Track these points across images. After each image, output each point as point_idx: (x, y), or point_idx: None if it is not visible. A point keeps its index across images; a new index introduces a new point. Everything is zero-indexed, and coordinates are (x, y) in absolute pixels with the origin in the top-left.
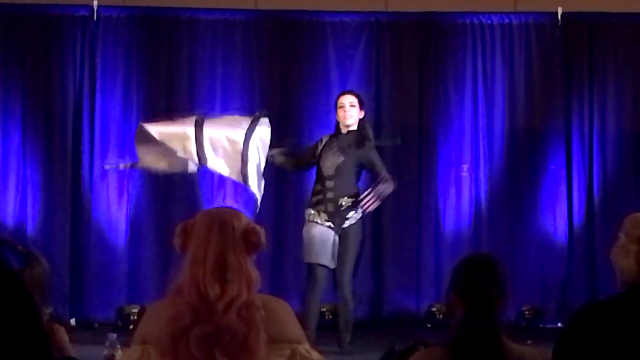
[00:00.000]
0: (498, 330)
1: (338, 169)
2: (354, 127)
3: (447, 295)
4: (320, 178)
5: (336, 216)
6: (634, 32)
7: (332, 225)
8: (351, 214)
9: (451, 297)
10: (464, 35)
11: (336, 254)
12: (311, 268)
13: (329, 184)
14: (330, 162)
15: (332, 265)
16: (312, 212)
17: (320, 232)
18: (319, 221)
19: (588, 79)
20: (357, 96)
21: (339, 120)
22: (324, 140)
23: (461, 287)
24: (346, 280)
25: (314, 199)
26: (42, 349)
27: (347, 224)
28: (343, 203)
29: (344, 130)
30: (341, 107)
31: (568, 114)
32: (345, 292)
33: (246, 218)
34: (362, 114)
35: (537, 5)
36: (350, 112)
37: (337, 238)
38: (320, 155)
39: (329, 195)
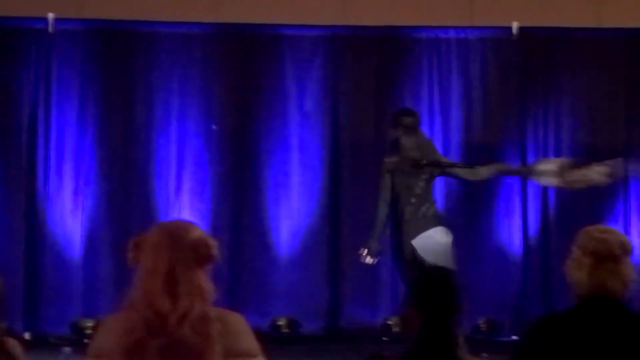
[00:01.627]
0: (454, 344)
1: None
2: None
3: (404, 308)
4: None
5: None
6: (589, 46)
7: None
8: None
9: (407, 310)
10: (421, 49)
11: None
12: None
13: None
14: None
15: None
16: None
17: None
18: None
19: (543, 93)
20: (392, 117)
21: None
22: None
23: (417, 300)
24: None
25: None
26: None
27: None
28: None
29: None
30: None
31: (523, 127)
32: None
33: (199, 230)
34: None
35: (493, 20)
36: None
37: None
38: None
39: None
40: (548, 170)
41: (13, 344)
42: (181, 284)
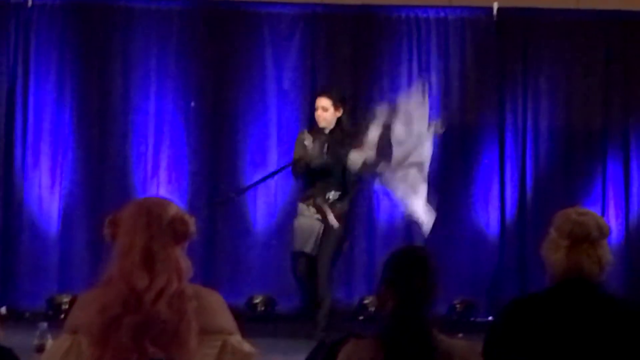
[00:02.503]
0: (428, 324)
1: (326, 166)
2: (332, 126)
3: (379, 288)
4: (310, 173)
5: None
6: (569, 28)
7: (319, 218)
8: (338, 205)
9: (382, 290)
10: (400, 29)
11: (319, 243)
12: (294, 257)
13: (318, 179)
14: (319, 160)
15: (313, 253)
16: (303, 206)
17: (308, 223)
18: (308, 214)
19: (522, 75)
20: (331, 97)
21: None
22: (307, 136)
23: (392, 280)
24: (323, 272)
25: (304, 195)
26: None
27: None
28: (330, 197)
29: (325, 130)
30: (315, 109)
31: (502, 109)
32: (321, 284)
33: (175, 207)
34: (339, 112)
35: (472, 0)
36: (323, 116)
37: (321, 230)
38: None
39: (317, 190)
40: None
41: None
42: (158, 261)
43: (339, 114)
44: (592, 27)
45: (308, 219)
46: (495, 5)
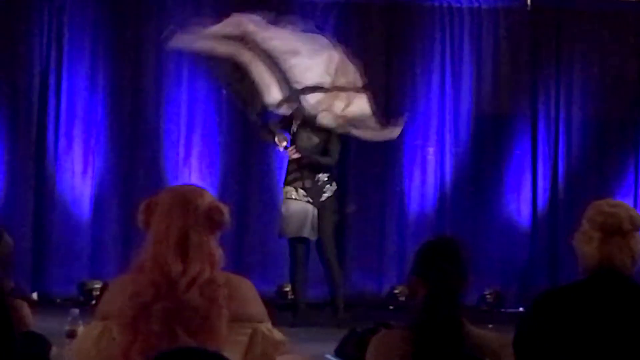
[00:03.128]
0: (459, 314)
1: (314, 149)
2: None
3: (410, 277)
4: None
5: (313, 191)
6: (602, 19)
7: (311, 200)
8: (327, 187)
9: (413, 280)
10: (433, 18)
11: (316, 226)
12: (292, 244)
13: (304, 161)
14: (306, 142)
15: (313, 237)
16: (289, 188)
17: (300, 207)
18: (297, 197)
19: (555, 65)
20: None
21: None
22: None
23: (423, 270)
24: (330, 249)
25: (290, 177)
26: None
27: (324, 197)
28: (320, 177)
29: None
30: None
31: (534, 99)
32: (331, 260)
33: (210, 196)
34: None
35: None
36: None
37: (315, 212)
38: (295, 134)
39: (306, 172)
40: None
41: (21, 304)
42: (192, 248)
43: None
44: (626, 16)
45: (298, 203)
46: None
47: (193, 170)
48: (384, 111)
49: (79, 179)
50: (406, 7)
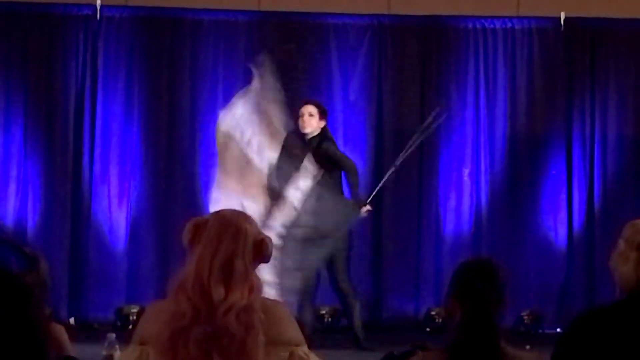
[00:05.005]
0: (496, 335)
1: (328, 178)
2: (314, 134)
3: (446, 299)
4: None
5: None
6: (636, 37)
7: None
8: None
9: (450, 302)
10: (467, 39)
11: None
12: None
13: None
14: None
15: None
16: None
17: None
18: None
19: (590, 84)
20: (318, 106)
21: (299, 127)
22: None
23: (460, 291)
24: (342, 276)
25: None
26: (38, 351)
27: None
28: None
29: (306, 138)
30: (300, 116)
31: (569, 119)
32: (346, 291)
33: (257, 225)
34: (322, 124)
35: (540, 10)
36: (309, 122)
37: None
38: None
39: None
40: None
41: (59, 330)
42: (236, 276)
43: (322, 123)
44: None
45: None
46: (563, 15)
47: None
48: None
49: (115, 204)
50: (440, 28)
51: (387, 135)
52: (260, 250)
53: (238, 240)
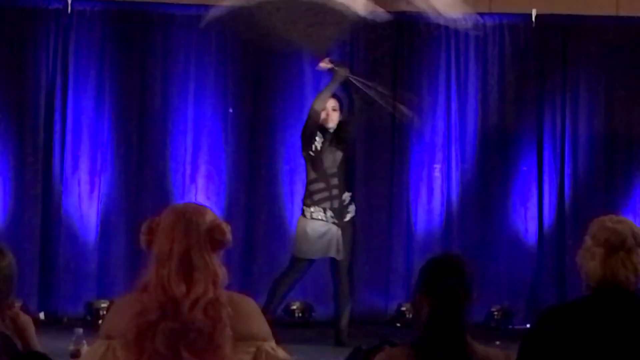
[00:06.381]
0: (463, 331)
1: (340, 166)
2: (334, 129)
3: (414, 295)
4: (324, 175)
5: (338, 211)
6: (607, 35)
7: (337, 222)
8: (351, 207)
9: (417, 297)
10: (438, 35)
11: (341, 246)
12: (297, 261)
13: (333, 181)
14: (332, 159)
15: (339, 257)
16: (317, 209)
17: (327, 229)
18: (324, 218)
19: (561, 81)
20: (339, 100)
21: (322, 122)
22: (319, 136)
23: (427, 287)
24: (346, 274)
25: (318, 196)
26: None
27: (347, 217)
28: (345, 198)
29: (330, 130)
30: (324, 109)
31: (540, 115)
32: (345, 289)
33: (212, 214)
34: (341, 116)
35: (511, 7)
36: (333, 116)
37: (339, 232)
38: (320, 151)
39: (335, 192)
40: None
41: (25, 320)
42: (196, 268)
43: (341, 118)
44: (632, 33)
45: (325, 224)
46: (534, 12)
47: (200, 189)
48: (390, 128)
49: (85, 198)
50: (412, 24)
51: (358, 130)
52: (215, 238)
53: (190, 232)
